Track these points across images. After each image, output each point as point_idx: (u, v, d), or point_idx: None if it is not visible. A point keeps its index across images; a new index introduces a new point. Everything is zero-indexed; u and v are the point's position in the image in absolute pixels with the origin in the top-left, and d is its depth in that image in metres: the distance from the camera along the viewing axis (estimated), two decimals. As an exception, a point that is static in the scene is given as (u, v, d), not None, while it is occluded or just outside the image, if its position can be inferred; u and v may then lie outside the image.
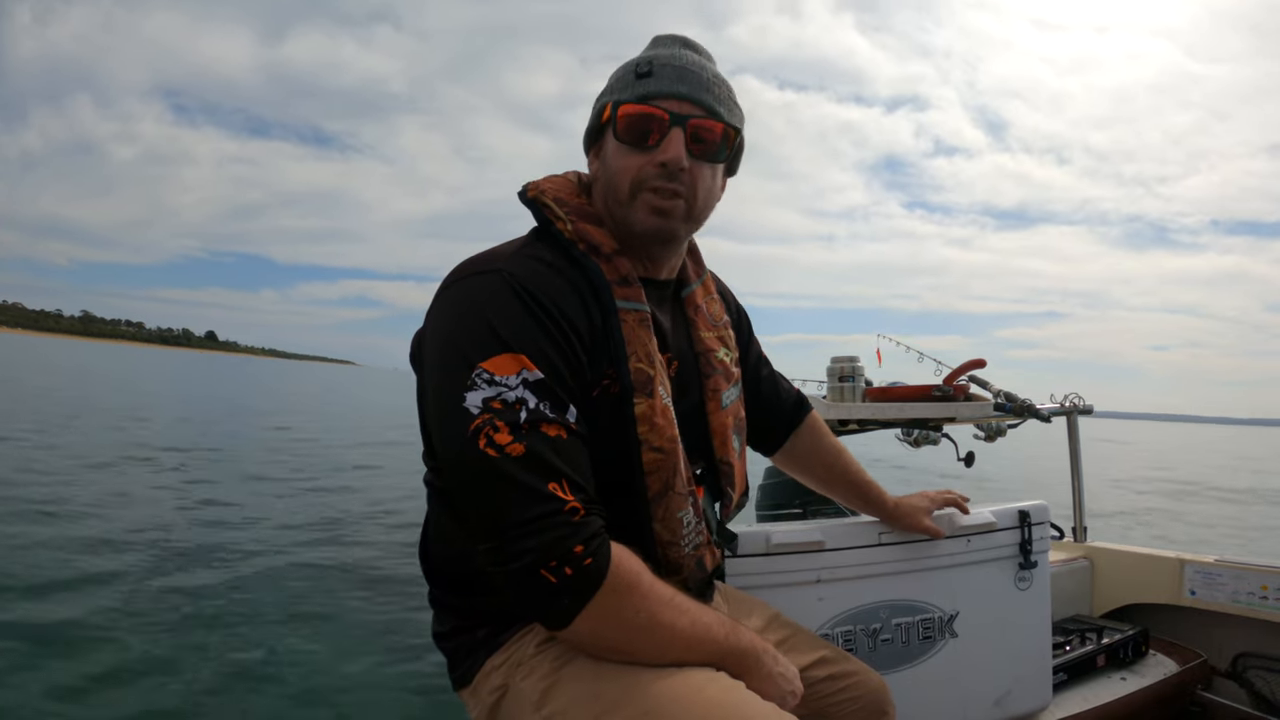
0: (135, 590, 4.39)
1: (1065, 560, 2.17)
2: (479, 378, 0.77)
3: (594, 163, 0.97)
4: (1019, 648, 1.52)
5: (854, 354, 2.23)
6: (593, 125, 0.96)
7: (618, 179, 0.91)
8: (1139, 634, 1.91)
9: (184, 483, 8.45)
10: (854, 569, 1.35)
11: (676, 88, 0.90)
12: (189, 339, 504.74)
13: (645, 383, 0.87)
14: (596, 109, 0.95)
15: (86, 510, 6.41)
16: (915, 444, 2.28)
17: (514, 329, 0.79)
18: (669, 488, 0.89)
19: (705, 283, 1.09)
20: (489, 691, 0.88)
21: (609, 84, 0.95)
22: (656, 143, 0.89)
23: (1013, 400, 2.08)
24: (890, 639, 1.37)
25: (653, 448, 0.87)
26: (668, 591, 0.81)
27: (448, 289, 0.85)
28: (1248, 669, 1.88)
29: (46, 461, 8.89)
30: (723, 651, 0.84)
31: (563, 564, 0.74)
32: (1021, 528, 1.51)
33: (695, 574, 0.94)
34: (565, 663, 0.84)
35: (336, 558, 5.64)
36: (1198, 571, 1.97)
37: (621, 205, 0.91)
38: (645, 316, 0.90)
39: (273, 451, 11.86)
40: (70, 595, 4.17)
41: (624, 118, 0.90)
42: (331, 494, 8.54)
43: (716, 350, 1.04)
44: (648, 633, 0.79)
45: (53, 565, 4.69)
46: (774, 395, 1.27)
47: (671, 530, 0.90)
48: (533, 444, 0.75)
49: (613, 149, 0.92)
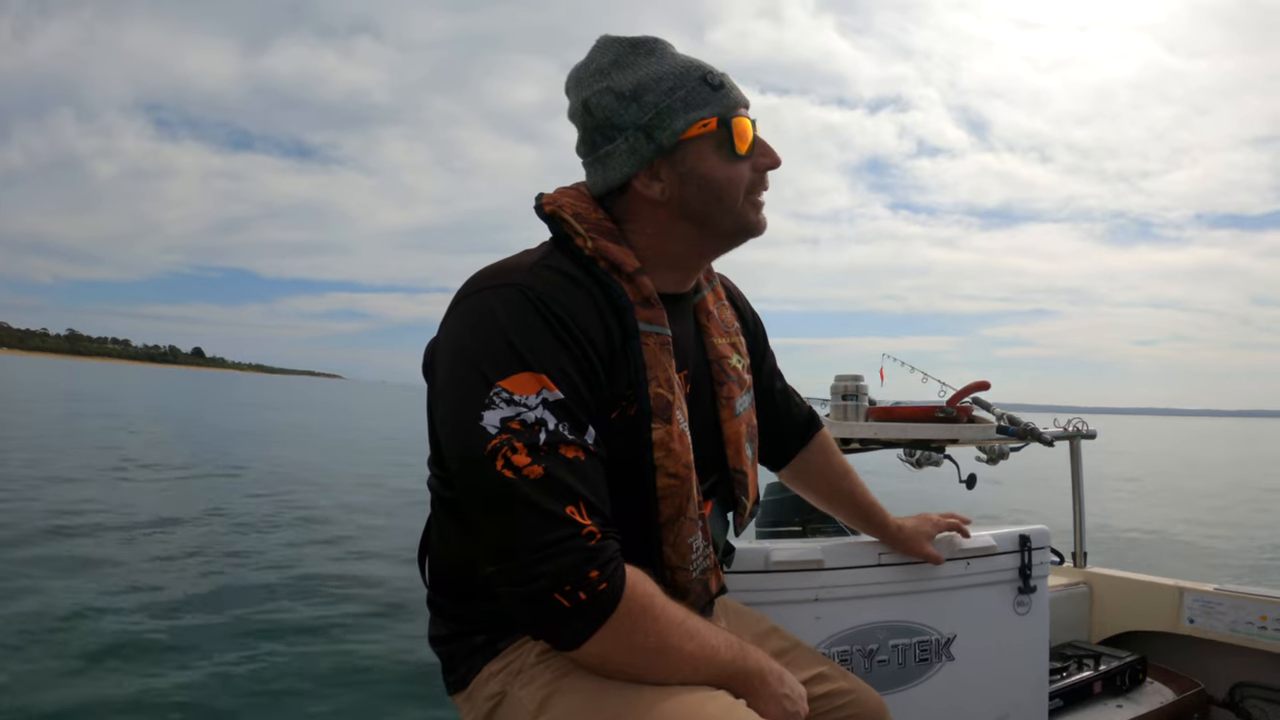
0: (132, 593, 4.40)
1: (1064, 585, 2.17)
2: (497, 396, 0.76)
3: (655, 184, 0.90)
4: (1016, 672, 1.51)
5: (858, 373, 2.23)
6: (667, 143, 0.89)
7: (731, 189, 0.92)
8: (1137, 661, 1.90)
9: (181, 495, 8.46)
10: (852, 589, 1.35)
11: (742, 95, 0.94)
12: (176, 355, 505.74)
13: (664, 408, 0.87)
14: (674, 127, 0.88)
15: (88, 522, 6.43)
16: (917, 465, 2.28)
17: (534, 347, 0.78)
18: (681, 513, 0.89)
19: (715, 288, 1.09)
20: (485, 698, 0.89)
21: (666, 101, 0.88)
22: (750, 150, 0.92)
23: (1015, 423, 2.08)
24: (887, 660, 1.37)
25: (668, 473, 0.87)
26: (680, 614, 0.82)
27: (463, 301, 0.84)
28: (1245, 699, 1.87)
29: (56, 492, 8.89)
30: (728, 673, 0.84)
31: (577, 589, 0.73)
32: (1021, 552, 1.51)
33: (700, 598, 0.94)
34: (566, 673, 0.84)
35: (335, 559, 5.64)
36: (1197, 600, 1.96)
37: (733, 213, 0.93)
38: (666, 340, 0.89)
39: (268, 461, 11.86)
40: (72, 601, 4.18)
41: (741, 131, 0.91)
42: (326, 499, 8.55)
43: (729, 357, 1.04)
44: (656, 656, 0.80)
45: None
46: (786, 409, 1.26)
47: (681, 555, 0.90)
48: (551, 466, 0.75)
49: (714, 162, 0.90)
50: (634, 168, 0.90)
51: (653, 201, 0.91)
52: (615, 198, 0.93)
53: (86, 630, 3.76)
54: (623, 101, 0.89)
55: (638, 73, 0.90)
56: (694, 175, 0.90)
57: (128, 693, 3.10)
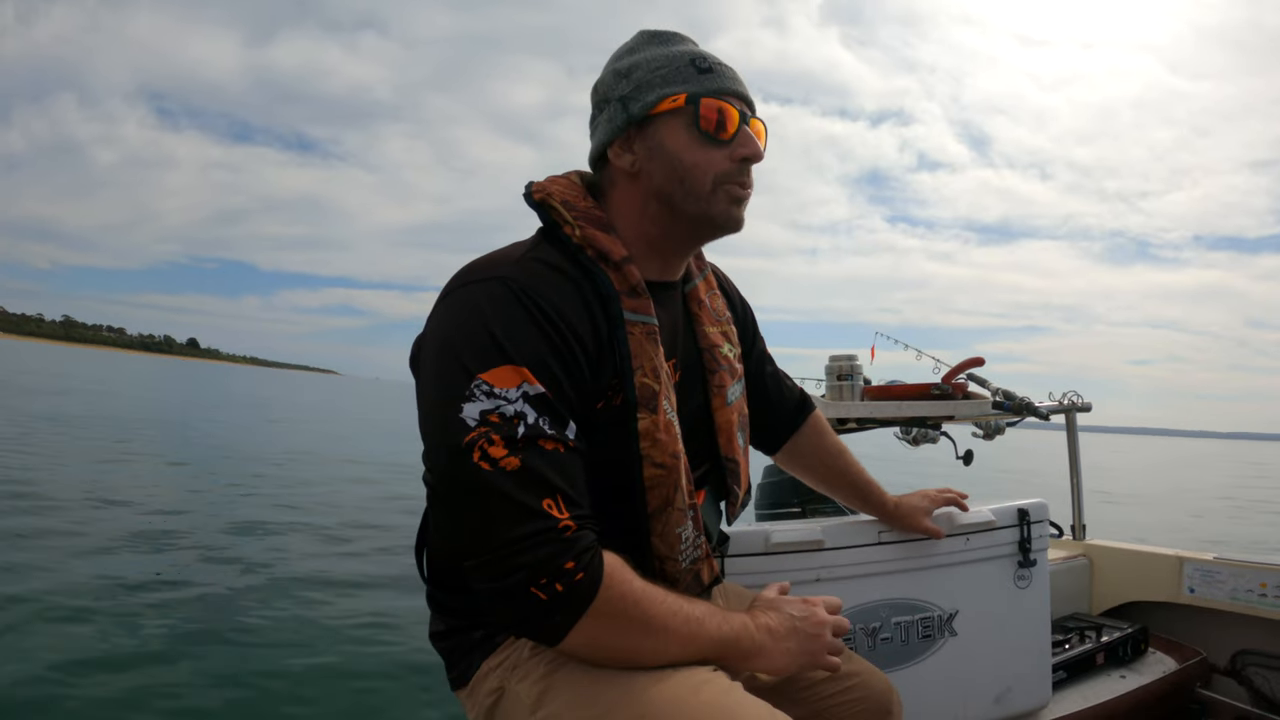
0: (130, 593, 4.39)
1: (1064, 558, 2.17)
2: (478, 389, 0.75)
3: (627, 154, 0.92)
4: (1018, 646, 1.51)
5: (852, 352, 2.22)
6: (638, 114, 0.90)
7: (697, 173, 0.89)
8: (1138, 632, 1.91)
9: (178, 491, 8.44)
10: (853, 568, 1.34)
11: (738, 86, 0.92)
12: (171, 345, 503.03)
13: (650, 398, 0.86)
14: (647, 99, 0.90)
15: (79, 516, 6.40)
16: (914, 442, 2.28)
17: (516, 340, 0.77)
18: (669, 503, 0.88)
19: (707, 278, 1.09)
20: (486, 694, 0.88)
21: (647, 78, 0.91)
22: (731, 137, 0.90)
23: (1011, 398, 2.08)
24: (890, 638, 1.37)
25: (654, 463, 0.86)
26: (659, 594, 0.81)
27: (450, 294, 0.83)
28: (1247, 666, 1.88)
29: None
30: (718, 641, 0.84)
31: (553, 580, 0.73)
32: (1021, 526, 1.51)
33: (691, 588, 0.93)
34: (561, 665, 0.83)
35: (333, 559, 5.64)
36: (1197, 569, 1.97)
37: (699, 198, 0.90)
38: (653, 329, 0.89)
39: (265, 461, 11.84)
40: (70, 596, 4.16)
41: (708, 109, 0.89)
42: (322, 498, 8.54)
43: (720, 346, 1.04)
44: (644, 638, 0.79)
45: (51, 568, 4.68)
46: (777, 393, 1.26)
47: (669, 545, 0.89)
48: (528, 459, 0.74)
49: (684, 141, 0.89)
50: (609, 136, 0.92)
51: (626, 174, 0.92)
52: (600, 170, 0.96)
53: (83, 631, 3.74)
54: (617, 77, 0.93)
55: (640, 55, 0.92)
56: (661, 150, 0.90)
57: (122, 694, 3.08)
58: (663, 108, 0.89)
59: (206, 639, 3.74)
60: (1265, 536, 11.28)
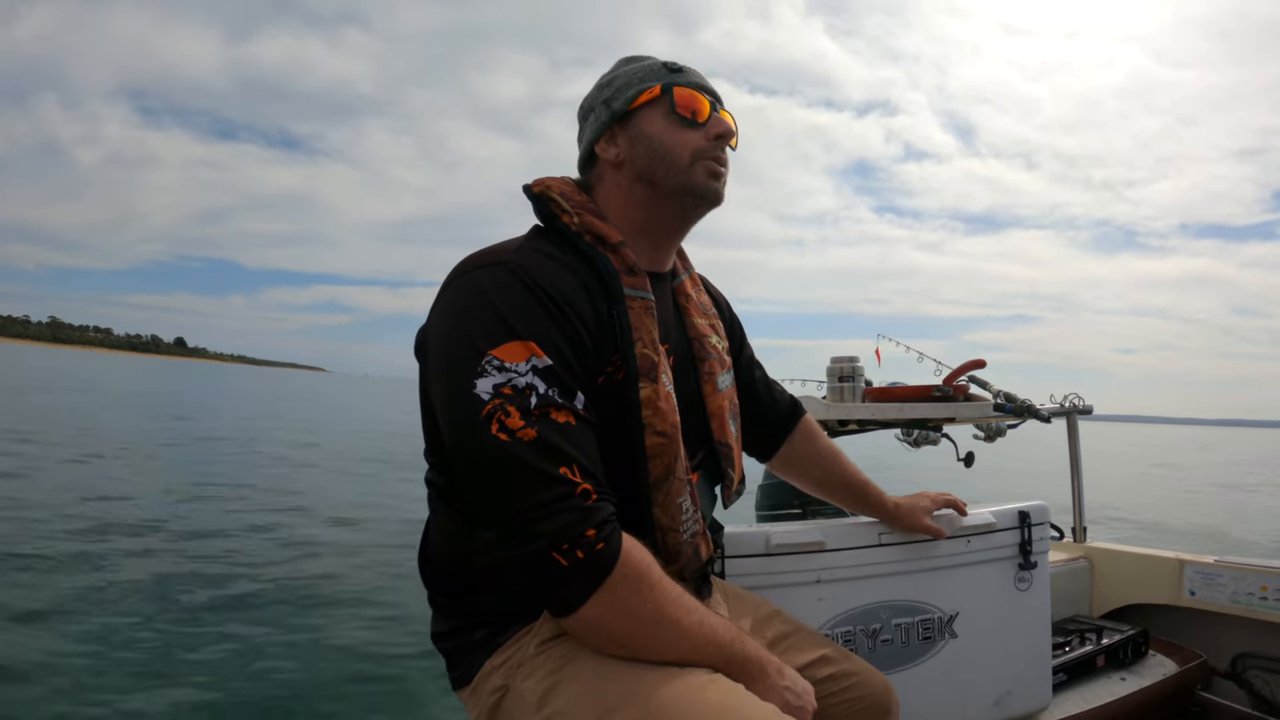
0: (129, 591, 4.39)
1: (1065, 560, 2.17)
2: (489, 364, 0.78)
3: (611, 148, 0.98)
4: (1019, 648, 1.51)
5: (853, 354, 2.22)
6: (620, 110, 0.98)
7: (675, 150, 0.96)
8: (1139, 634, 1.91)
9: (179, 484, 8.45)
10: (854, 569, 1.35)
11: (707, 84, 1.01)
12: (158, 345, 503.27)
13: (650, 368, 0.89)
14: (626, 96, 0.98)
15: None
16: (915, 444, 2.28)
17: (522, 317, 0.81)
18: (670, 473, 0.90)
19: (692, 276, 1.13)
20: (489, 692, 0.88)
21: (625, 81, 0.99)
22: (705, 121, 0.97)
23: (1012, 400, 2.07)
24: (890, 639, 1.37)
25: (656, 432, 0.88)
26: (675, 588, 0.82)
27: (454, 281, 0.86)
28: (1247, 669, 1.88)
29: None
30: (727, 656, 0.84)
31: (574, 547, 0.74)
32: (1021, 528, 1.51)
33: (692, 562, 0.95)
34: (566, 663, 0.83)
35: (332, 560, 5.64)
36: (1197, 572, 1.97)
37: (680, 172, 0.96)
38: (650, 304, 0.93)
39: (262, 459, 11.84)
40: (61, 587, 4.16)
41: (681, 96, 0.97)
42: (321, 499, 8.54)
43: (709, 336, 1.07)
44: (654, 626, 0.80)
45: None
46: (768, 399, 1.27)
47: (671, 516, 0.91)
48: (543, 429, 0.77)
49: (662, 126, 0.96)
50: (595, 135, 1.00)
51: (612, 164, 0.99)
52: (589, 169, 1.02)
53: (83, 631, 3.75)
54: (599, 89, 1.01)
55: (619, 70, 1.02)
56: (642, 137, 0.97)
57: (121, 695, 3.08)
58: (641, 100, 0.97)
59: (202, 643, 3.74)
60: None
